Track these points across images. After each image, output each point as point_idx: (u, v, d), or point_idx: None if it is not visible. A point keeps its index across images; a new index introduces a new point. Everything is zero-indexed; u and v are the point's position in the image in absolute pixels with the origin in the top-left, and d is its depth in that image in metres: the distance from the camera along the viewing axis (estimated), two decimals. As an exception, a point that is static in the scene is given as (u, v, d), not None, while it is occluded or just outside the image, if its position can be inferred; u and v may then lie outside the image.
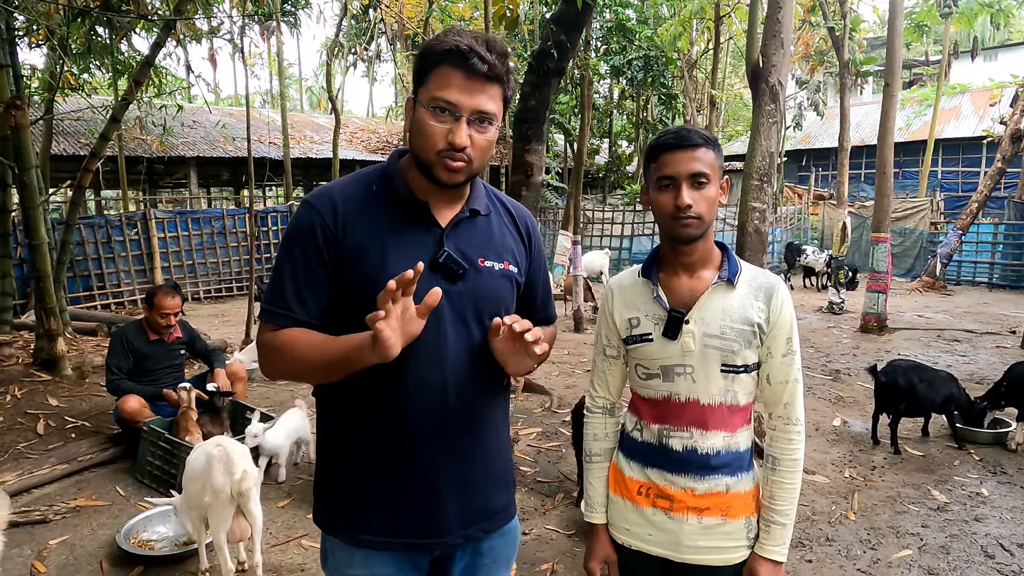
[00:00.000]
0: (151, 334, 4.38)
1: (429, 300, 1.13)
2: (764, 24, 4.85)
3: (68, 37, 7.69)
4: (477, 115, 1.23)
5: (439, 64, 1.22)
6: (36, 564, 3.07)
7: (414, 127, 1.26)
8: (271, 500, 3.68)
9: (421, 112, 1.24)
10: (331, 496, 1.38)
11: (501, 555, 1.46)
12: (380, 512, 1.33)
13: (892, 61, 8.83)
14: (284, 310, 1.28)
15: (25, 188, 6.30)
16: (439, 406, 1.29)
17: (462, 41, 1.21)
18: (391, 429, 1.29)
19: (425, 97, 1.24)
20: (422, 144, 1.25)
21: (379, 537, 1.33)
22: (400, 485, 1.32)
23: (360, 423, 1.32)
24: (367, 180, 1.35)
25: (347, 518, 1.35)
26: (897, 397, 4.56)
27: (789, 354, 1.45)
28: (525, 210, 1.51)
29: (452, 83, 1.21)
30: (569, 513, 3.64)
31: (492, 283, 1.35)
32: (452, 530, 1.35)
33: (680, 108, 18.22)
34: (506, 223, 1.43)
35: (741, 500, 1.46)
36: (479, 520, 1.39)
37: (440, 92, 1.22)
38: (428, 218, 1.31)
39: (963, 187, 19.15)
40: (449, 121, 1.22)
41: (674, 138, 1.39)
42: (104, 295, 10.96)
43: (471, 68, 1.21)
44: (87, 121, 12.44)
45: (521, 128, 7.57)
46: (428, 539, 1.34)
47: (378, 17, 9.98)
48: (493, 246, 1.37)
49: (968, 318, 10.02)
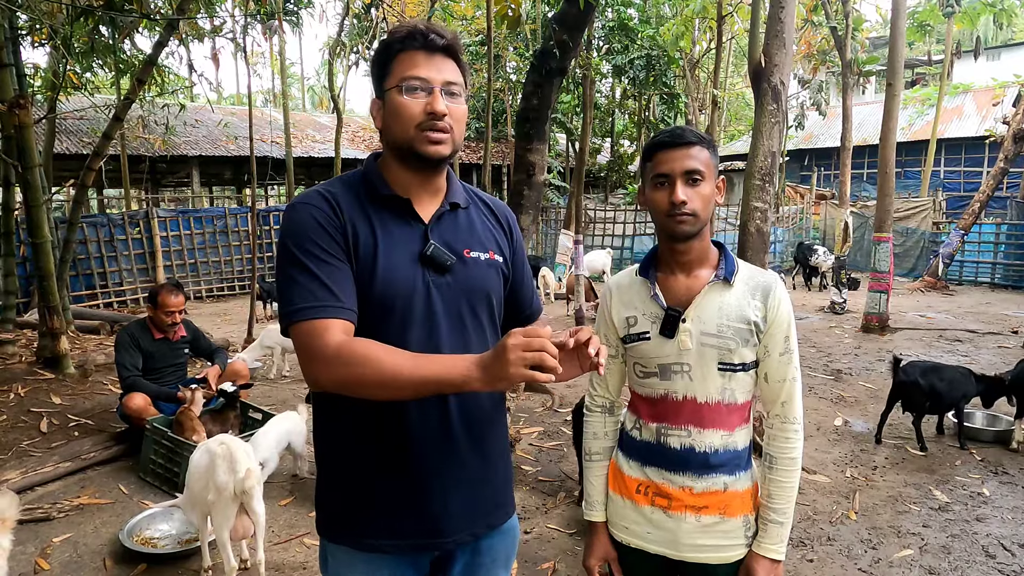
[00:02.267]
0: (156, 333, 4.39)
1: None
2: (766, 23, 4.85)
3: (71, 36, 7.70)
4: (447, 87, 1.28)
5: (400, 51, 1.28)
6: (40, 561, 3.09)
7: (389, 113, 1.29)
8: (273, 498, 3.69)
9: (393, 96, 1.27)
10: (334, 502, 1.37)
11: (500, 554, 1.47)
12: (386, 515, 1.32)
13: (894, 61, 8.82)
14: (344, 302, 1.21)
15: (28, 187, 6.32)
16: (439, 403, 1.30)
17: (416, 24, 1.28)
18: (392, 429, 1.29)
19: (393, 82, 1.27)
20: (400, 124, 1.27)
21: (388, 540, 1.32)
22: (405, 486, 1.32)
23: (360, 426, 1.31)
24: (348, 183, 1.35)
25: (352, 524, 1.34)
26: (921, 396, 4.58)
27: (787, 353, 1.46)
28: (504, 204, 1.53)
29: (418, 62, 1.27)
30: (570, 512, 3.64)
31: (480, 273, 1.37)
32: (457, 529, 1.35)
33: (682, 107, 18.20)
34: (486, 215, 1.46)
35: (739, 498, 1.47)
36: (482, 517, 1.39)
37: (409, 71, 1.26)
38: (411, 214, 1.33)
39: (965, 187, 19.09)
40: (423, 96, 1.26)
41: (669, 137, 1.41)
42: (107, 293, 11.00)
43: (431, 45, 1.27)
44: (90, 120, 12.46)
45: (523, 127, 7.56)
46: (435, 539, 1.34)
47: (380, 16, 9.98)
48: (476, 237, 1.39)
49: (970, 318, 10.01)
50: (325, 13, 25.72)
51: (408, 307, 1.28)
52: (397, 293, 1.27)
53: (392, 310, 1.27)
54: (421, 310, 1.28)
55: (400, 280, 1.27)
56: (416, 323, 1.28)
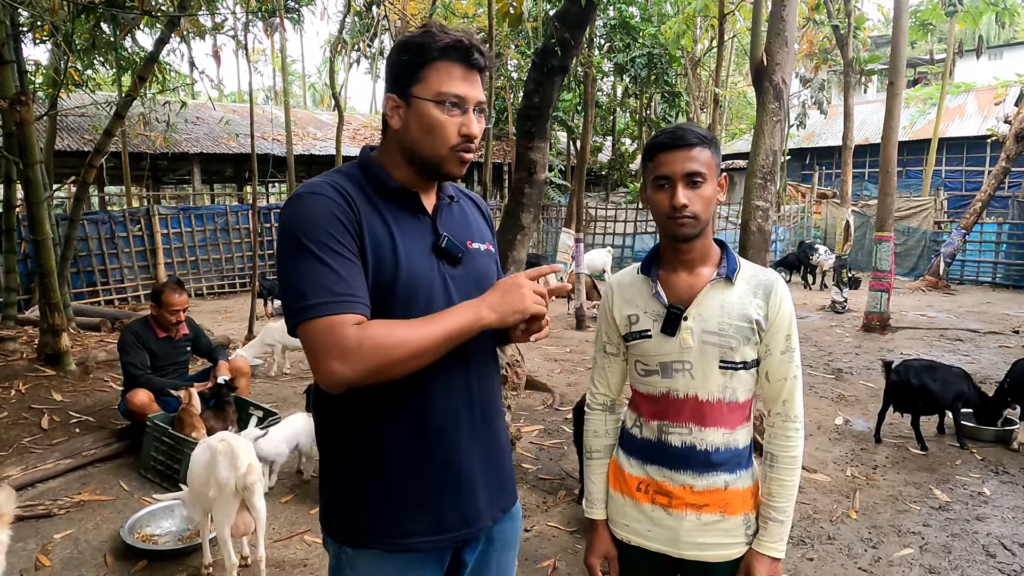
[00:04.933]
0: (159, 331, 4.40)
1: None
2: (768, 22, 4.84)
3: (72, 33, 7.70)
4: (479, 106, 1.26)
5: (438, 59, 1.23)
6: (40, 558, 3.09)
7: (420, 126, 1.24)
8: (274, 496, 3.70)
9: (428, 109, 1.23)
10: (357, 506, 1.29)
11: (509, 538, 1.47)
12: (421, 510, 1.27)
13: (896, 59, 8.80)
14: (355, 296, 1.16)
15: (30, 184, 6.33)
16: (463, 391, 1.30)
17: (462, 36, 1.23)
18: (418, 420, 1.26)
19: (428, 93, 1.23)
20: (435, 141, 1.24)
21: (429, 537, 1.28)
22: (436, 479, 1.28)
23: (384, 419, 1.26)
24: (349, 175, 1.29)
25: (388, 527, 1.27)
26: (913, 396, 4.58)
27: (788, 351, 1.45)
28: (476, 194, 1.55)
29: (456, 77, 1.23)
30: (571, 510, 3.65)
31: (483, 263, 1.38)
32: (485, 516, 1.34)
33: (684, 106, 18.16)
34: (470, 207, 1.47)
35: (740, 497, 1.47)
36: (499, 502, 1.39)
37: (447, 87, 1.22)
38: (419, 207, 1.32)
39: (967, 186, 19.08)
40: (458, 115, 1.24)
41: (669, 138, 1.40)
42: (107, 291, 11.00)
43: (472, 63, 1.24)
44: (91, 117, 12.47)
45: (524, 125, 7.54)
46: (471, 528, 1.32)
47: (382, 14, 9.98)
48: (471, 228, 1.41)
49: (971, 317, 10.00)
50: (326, 10, 25.76)
51: (429, 299, 1.26)
52: (420, 285, 1.25)
53: (415, 303, 1.24)
54: (441, 300, 1.27)
55: (421, 273, 1.26)
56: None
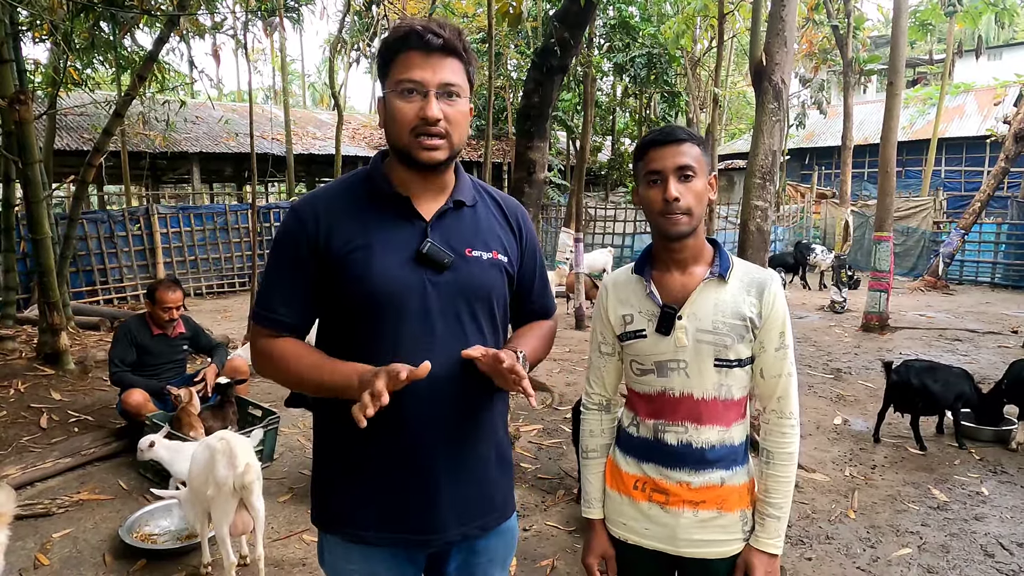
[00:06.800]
0: (154, 329, 4.40)
1: (416, 374, 1.15)
2: (768, 22, 4.84)
3: (72, 32, 7.70)
4: (444, 88, 1.26)
5: (399, 51, 1.26)
6: (39, 557, 3.09)
7: (388, 117, 1.29)
8: (273, 495, 3.70)
9: (390, 99, 1.27)
10: (327, 494, 1.40)
11: (497, 554, 1.47)
12: (378, 508, 1.33)
13: (896, 60, 8.80)
14: (271, 312, 1.34)
15: (29, 183, 6.32)
16: (432, 399, 1.29)
17: (415, 23, 1.26)
18: (386, 425, 1.28)
19: (391, 85, 1.27)
20: (395, 128, 1.28)
21: (378, 533, 1.34)
22: (398, 480, 1.33)
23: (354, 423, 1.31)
24: (349, 182, 1.38)
25: (344, 515, 1.36)
26: (914, 396, 4.58)
27: (782, 348, 1.46)
28: (515, 202, 1.52)
29: (414, 63, 1.25)
30: (570, 509, 3.65)
31: (480, 272, 1.36)
32: (446, 529, 1.35)
33: (683, 106, 18.18)
34: (494, 214, 1.45)
35: (736, 493, 1.47)
36: (477, 517, 1.39)
37: (404, 74, 1.25)
38: (411, 212, 1.33)
39: (966, 186, 19.08)
40: (418, 100, 1.25)
41: (660, 135, 1.43)
42: (107, 290, 10.99)
43: (427, 44, 1.25)
44: (90, 116, 12.45)
45: (524, 125, 7.56)
46: (426, 535, 1.35)
47: (381, 13, 9.98)
48: (480, 236, 1.38)
49: (970, 317, 10.01)
50: (326, 10, 25.77)
51: (402, 304, 1.28)
52: (391, 290, 1.27)
53: (384, 307, 1.28)
54: (416, 307, 1.29)
55: (393, 278, 1.28)
56: (410, 320, 1.29)
